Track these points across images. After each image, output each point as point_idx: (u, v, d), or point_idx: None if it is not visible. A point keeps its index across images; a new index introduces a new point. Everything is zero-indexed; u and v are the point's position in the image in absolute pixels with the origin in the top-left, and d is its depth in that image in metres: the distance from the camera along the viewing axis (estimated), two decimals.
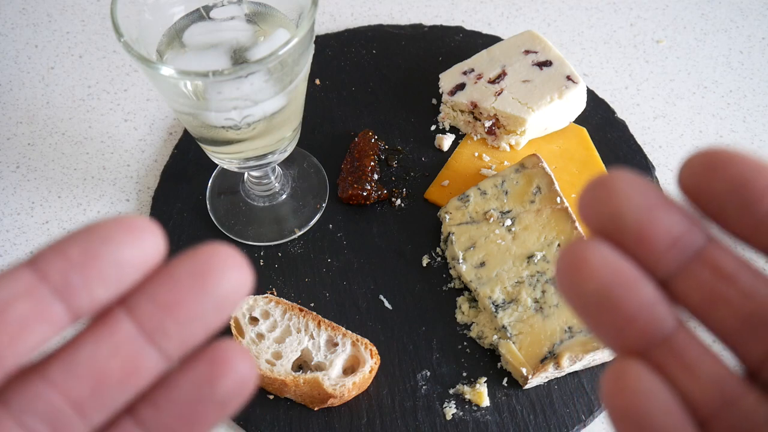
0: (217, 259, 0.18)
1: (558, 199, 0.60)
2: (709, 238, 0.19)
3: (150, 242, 0.18)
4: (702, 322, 0.19)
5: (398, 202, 0.66)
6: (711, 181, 0.18)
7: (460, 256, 0.60)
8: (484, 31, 0.78)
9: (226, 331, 0.57)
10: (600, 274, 0.18)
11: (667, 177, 0.68)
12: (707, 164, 0.18)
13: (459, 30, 0.78)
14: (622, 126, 0.70)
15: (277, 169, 0.66)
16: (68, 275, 0.17)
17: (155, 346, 0.18)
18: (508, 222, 0.60)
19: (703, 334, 0.20)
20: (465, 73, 0.69)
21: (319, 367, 0.54)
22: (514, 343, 0.55)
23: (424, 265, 0.62)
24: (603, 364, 0.56)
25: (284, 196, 0.66)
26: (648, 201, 0.19)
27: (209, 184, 0.67)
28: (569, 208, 0.60)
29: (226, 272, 0.18)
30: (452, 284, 0.61)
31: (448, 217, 0.62)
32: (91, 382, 0.17)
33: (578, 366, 0.54)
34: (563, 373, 0.55)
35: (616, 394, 0.18)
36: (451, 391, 0.56)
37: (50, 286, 0.17)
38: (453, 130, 0.70)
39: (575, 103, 0.67)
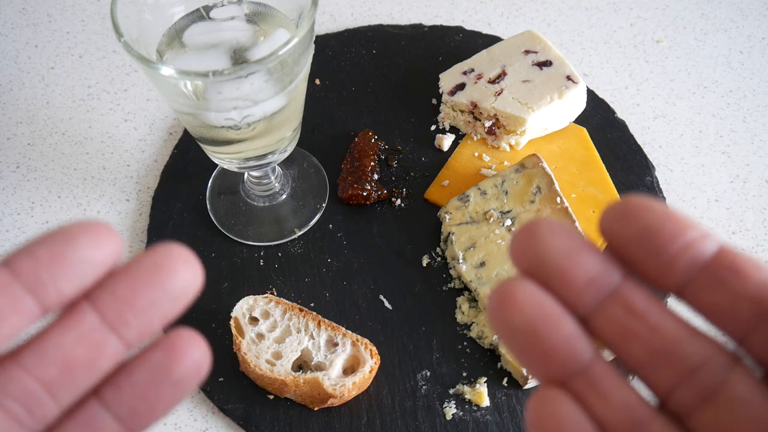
0: (170, 256, 0.20)
1: (558, 199, 0.60)
2: (624, 279, 0.21)
3: (109, 243, 0.20)
4: (617, 354, 0.21)
5: (398, 202, 0.66)
6: (626, 228, 0.20)
7: (460, 256, 0.60)
8: (484, 31, 0.78)
9: (226, 332, 0.57)
10: (526, 310, 0.20)
11: (667, 177, 0.68)
12: (623, 213, 0.21)
13: (459, 30, 0.78)
14: (622, 126, 0.70)
15: (277, 169, 0.65)
16: (38, 273, 0.19)
17: (116, 334, 0.20)
18: (508, 222, 0.60)
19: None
20: (465, 73, 0.69)
21: (319, 367, 0.54)
22: None
23: (424, 265, 0.62)
24: None
25: (284, 196, 0.66)
26: (569, 245, 0.21)
27: (209, 184, 0.67)
28: (569, 208, 0.60)
29: (179, 268, 0.20)
30: (452, 284, 0.61)
31: (448, 217, 0.62)
32: (59, 366, 0.19)
33: None
34: None
35: (538, 421, 0.21)
36: (451, 391, 0.56)
37: (22, 283, 0.19)
38: (453, 130, 0.70)
39: (575, 103, 0.67)
